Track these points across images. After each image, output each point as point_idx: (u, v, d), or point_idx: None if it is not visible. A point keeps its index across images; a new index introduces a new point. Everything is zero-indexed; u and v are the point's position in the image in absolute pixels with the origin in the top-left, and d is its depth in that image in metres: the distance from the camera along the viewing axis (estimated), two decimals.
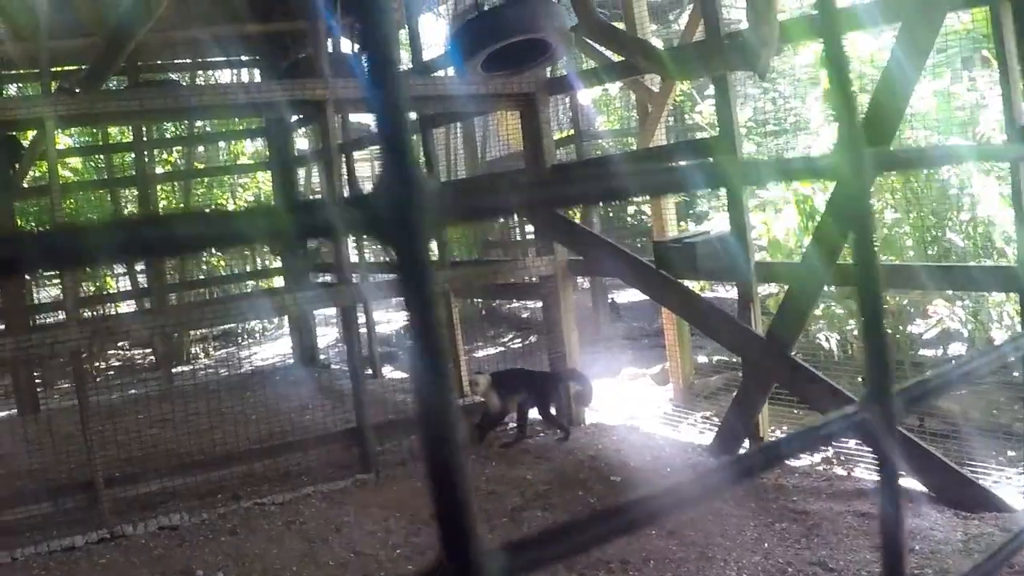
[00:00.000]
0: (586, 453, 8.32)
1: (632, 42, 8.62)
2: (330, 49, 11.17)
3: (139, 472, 8.21)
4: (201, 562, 6.72)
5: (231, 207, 19.53)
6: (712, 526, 6.29)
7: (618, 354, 11.87)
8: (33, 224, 17.87)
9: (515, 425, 8.91)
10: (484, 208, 0.68)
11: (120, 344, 17.07)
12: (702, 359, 10.53)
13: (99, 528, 7.43)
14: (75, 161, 17.29)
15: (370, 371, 11.76)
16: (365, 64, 0.69)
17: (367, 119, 15.25)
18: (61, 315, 15.21)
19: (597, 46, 10.12)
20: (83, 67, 11.94)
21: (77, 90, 8.32)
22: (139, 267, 16.53)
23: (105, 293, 17.27)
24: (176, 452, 8.85)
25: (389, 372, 12.84)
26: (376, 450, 8.44)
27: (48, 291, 18.81)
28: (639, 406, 9.75)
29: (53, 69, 10.92)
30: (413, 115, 11.47)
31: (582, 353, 9.65)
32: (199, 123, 17.06)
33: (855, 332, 9.08)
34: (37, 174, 15.82)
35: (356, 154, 13.70)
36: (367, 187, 17.45)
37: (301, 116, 13.30)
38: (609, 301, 14.68)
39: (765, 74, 7.33)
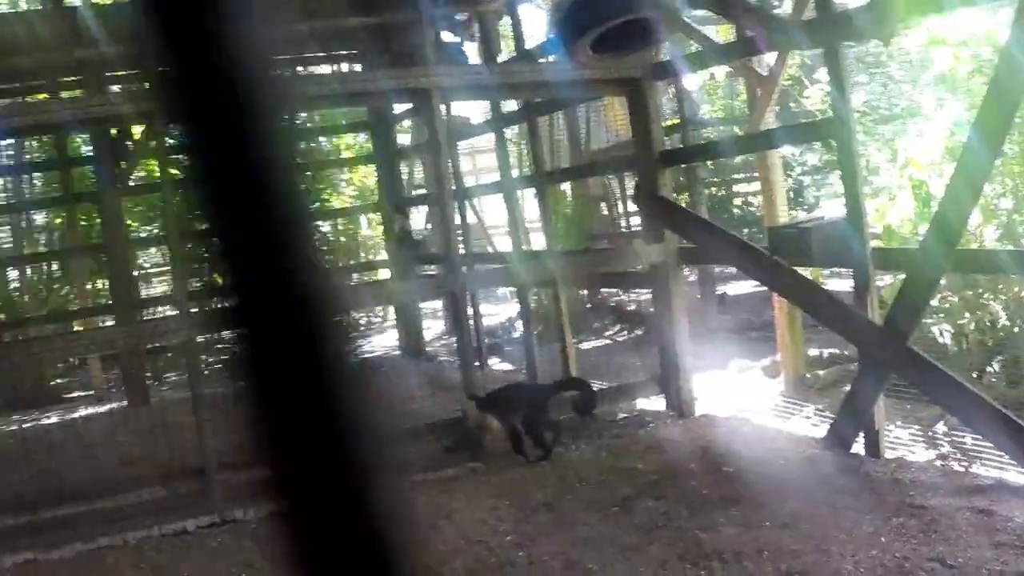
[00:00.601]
0: (696, 444, 8.20)
1: (754, 11, 8.46)
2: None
3: (250, 458, 8.27)
4: None
5: (336, 204, 19.74)
6: (827, 519, 6.14)
7: (726, 346, 11.69)
8: (139, 223, 18.26)
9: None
10: None
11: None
12: (813, 351, 10.30)
13: (210, 513, 7.53)
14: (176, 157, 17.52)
15: (476, 362, 11.73)
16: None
17: (468, 110, 15.30)
18: (168, 310, 15.57)
19: (702, 29, 9.97)
20: None
21: None
22: None
23: (212, 287, 17.54)
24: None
25: (495, 363, 12.82)
26: (486, 438, 8.40)
27: (156, 287, 19.19)
28: (749, 398, 9.59)
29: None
30: (517, 104, 11.43)
31: (690, 344, 9.50)
32: (302, 117, 17.20)
33: (971, 325, 8.83)
34: (142, 173, 16.11)
35: (459, 145, 13.73)
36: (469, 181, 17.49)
37: (405, 108, 13.36)
38: (719, 293, 14.49)
39: (890, 40, 7.15)
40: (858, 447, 7.57)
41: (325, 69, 17.23)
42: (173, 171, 7.98)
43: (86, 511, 7.78)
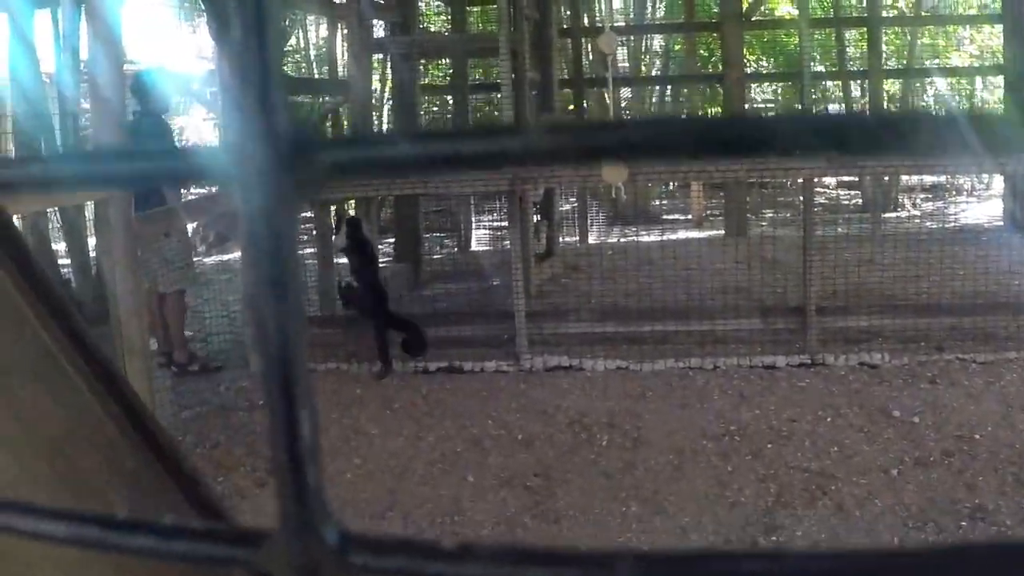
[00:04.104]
0: None
1: None
2: None
3: (846, 307, 8.27)
4: (898, 404, 6.67)
5: (955, 61, 18.85)
6: None
7: None
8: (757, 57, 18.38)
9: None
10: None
11: (827, 183, 17.26)
12: None
13: (802, 353, 7.64)
14: None
15: None
16: None
17: None
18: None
19: None
20: None
21: None
22: (856, 106, 16.53)
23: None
24: (883, 294, 8.82)
25: None
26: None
27: None
28: None
29: None
30: None
31: None
32: None
33: None
34: (764, 8, 16.16)
35: None
36: None
37: None
38: None
39: None
40: None
41: None
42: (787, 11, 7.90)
43: (680, 331, 8.13)
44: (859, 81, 16.39)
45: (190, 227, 11.13)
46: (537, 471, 5.93)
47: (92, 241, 9.43)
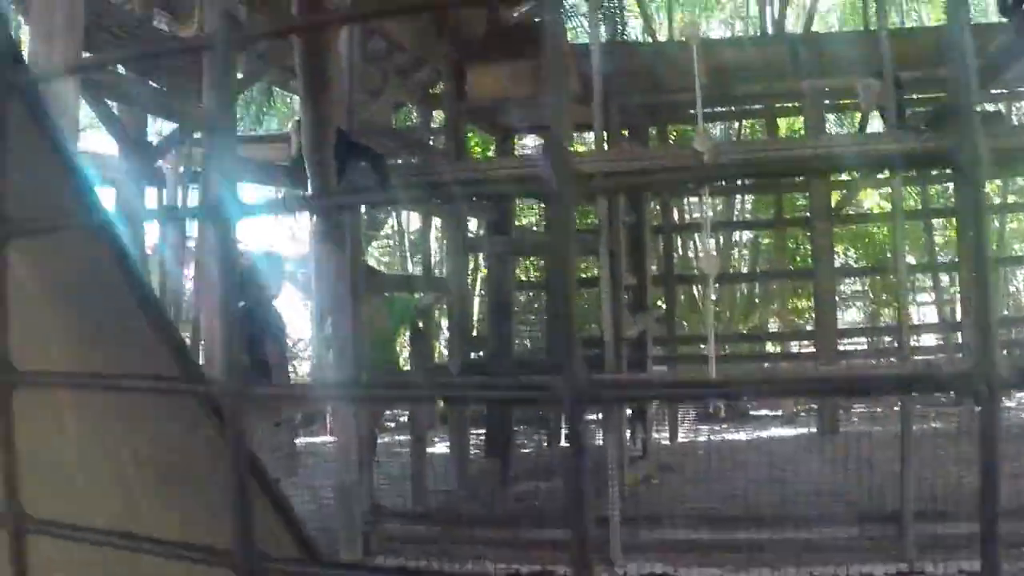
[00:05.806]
0: None
1: None
2: None
3: (944, 511, 8.09)
4: None
5: None
6: None
7: None
8: (845, 248, 18.53)
9: None
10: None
11: None
12: None
13: (900, 561, 7.47)
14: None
15: None
16: None
17: None
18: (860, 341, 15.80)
19: None
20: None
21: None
22: (946, 296, 16.62)
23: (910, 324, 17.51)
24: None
25: None
26: None
27: (850, 314, 19.41)
28: None
29: None
30: None
31: None
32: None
33: None
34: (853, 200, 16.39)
35: None
36: None
37: None
38: None
39: None
40: None
41: None
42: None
43: (775, 539, 7.98)
44: (948, 272, 16.52)
45: None
46: None
47: None
